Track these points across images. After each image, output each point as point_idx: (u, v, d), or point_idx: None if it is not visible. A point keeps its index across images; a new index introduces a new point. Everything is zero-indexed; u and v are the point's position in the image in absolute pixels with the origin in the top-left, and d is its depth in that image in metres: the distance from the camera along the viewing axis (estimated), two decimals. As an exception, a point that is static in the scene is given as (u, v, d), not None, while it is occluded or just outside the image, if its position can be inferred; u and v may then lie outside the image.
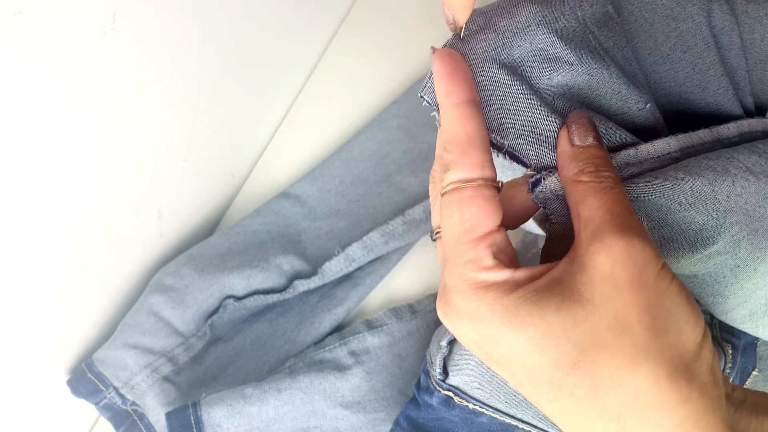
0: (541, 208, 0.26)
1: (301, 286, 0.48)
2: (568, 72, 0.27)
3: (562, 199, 0.26)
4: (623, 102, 0.28)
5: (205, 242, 0.50)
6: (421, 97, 0.26)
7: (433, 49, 0.25)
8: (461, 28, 0.27)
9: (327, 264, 0.48)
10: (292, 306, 0.49)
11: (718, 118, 0.30)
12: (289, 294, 0.47)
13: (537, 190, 0.26)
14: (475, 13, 0.28)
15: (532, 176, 0.26)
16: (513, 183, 0.28)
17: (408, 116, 0.54)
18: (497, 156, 0.26)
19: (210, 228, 0.54)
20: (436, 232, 0.26)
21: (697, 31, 0.30)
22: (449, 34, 0.28)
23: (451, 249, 0.24)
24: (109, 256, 0.44)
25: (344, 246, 0.49)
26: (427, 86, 0.26)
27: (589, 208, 0.23)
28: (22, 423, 0.42)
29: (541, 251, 0.27)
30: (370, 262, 0.50)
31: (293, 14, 0.52)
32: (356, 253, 0.48)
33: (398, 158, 0.53)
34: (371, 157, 0.53)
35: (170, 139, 0.44)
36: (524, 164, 0.26)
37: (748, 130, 0.29)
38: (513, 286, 0.22)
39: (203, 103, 0.46)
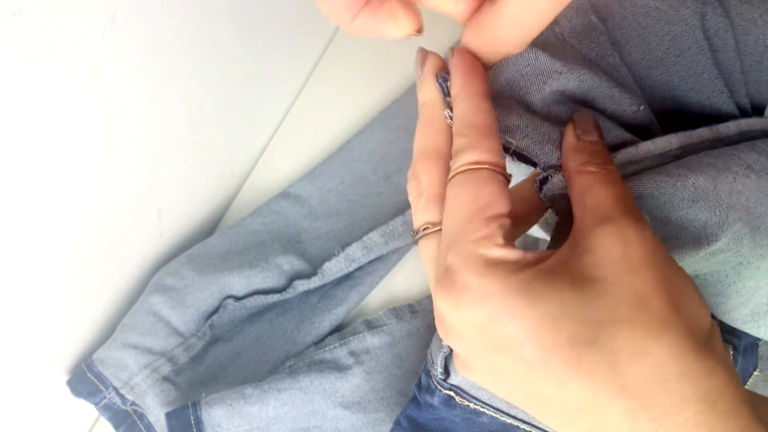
0: (545, 214, 0.26)
1: (301, 286, 0.48)
2: (557, 81, 0.27)
3: (569, 197, 0.26)
4: (617, 105, 0.28)
5: (205, 242, 0.49)
6: (439, 83, 0.26)
7: (452, 50, 0.26)
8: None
9: (327, 264, 0.48)
10: (292, 306, 0.49)
11: (714, 120, 0.30)
12: (289, 294, 0.47)
13: (545, 188, 0.26)
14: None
15: (539, 174, 0.26)
16: (522, 183, 0.28)
17: (408, 116, 0.54)
18: (504, 158, 0.26)
19: (210, 228, 0.54)
20: (424, 228, 0.25)
21: (691, 35, 0.30)
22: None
23: (462, 227, 0.23)
24: (109, 256, 0.44)
25: (344, 246, 0.49)
26: (446, 74, 0.27)
27: (597, 196, 0.23)
28: (22, 423, 0.42)
29: (547, 249, 0.27)
30: (370, 262, 0.50)
31: (293, 14, 0.52)
32: (356, 253, 0.48)
33: (398, 158, 0.53)
34: (371, 157, 0.53)
35: (170, 139, 0.44)
36: (533, 163, 0.26)
37: (747, 128, 0.29)
38: (524, 265, 0.22)
39: (203, 103, 0.46)
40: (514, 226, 0.28)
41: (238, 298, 0.47)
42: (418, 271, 0.51)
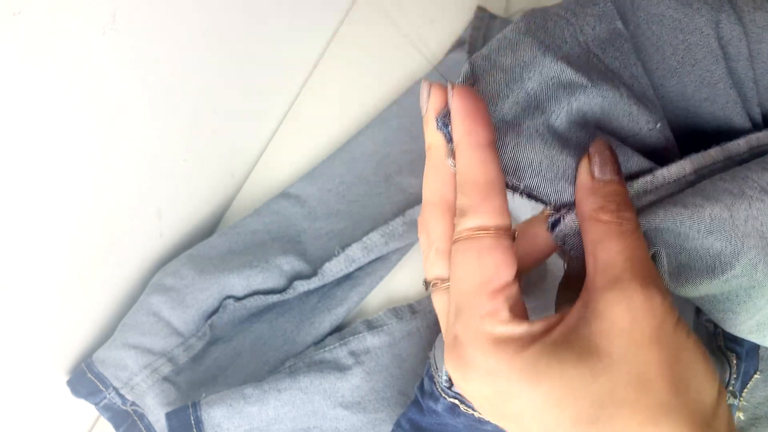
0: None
1: (301, 286, 0.48)
2: (584, 96, 0.26)
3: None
4: (634, 123, 0.28)
5: (205, 242, 0.49)
6: (440, 126, 0.25)
7: (452, 85, 0.24)
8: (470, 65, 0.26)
9: (327, 264, 0.48)
10: (292, 306, 0.49)
11: (726, 131, 0.30)
12: (289, 294, 0.47)
13: (557, 229, 0.25)
14: (478, 57, 0.27)
15: (551, 214, 0.25)
16: (534, 220, 0.28)
17: (408, 116, 0.54)
18: (513, 196, 0.25)
19: (210, 228, 0.54)
20: (434, 283, 0.25)
21: (706, 44, 0.29)
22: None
23: (467, 300, 0.23)
24: (109, 256, 0.44)
25: (344, 246, 0.49)
26: (448, 117, 0.25)
27: (608, 251, 0.22)
28: (22, 423, 0.42)
29: (559, 286, 0.26)
30: (370, 262, 0.49)
31: (293, 14, 0.52)
32: (356, 254, 0.48)
33: (399, 158, 0.53)
34: (371, 158, 0.53)
35: (170, 139, 0.44)
36: (543, 202, 0.26)
37: (756, 144, 0.29)
38: (530, 340, 0.22)
39: (203, 103, 0.46)
40: (538, 259, 0.27)
41: (238, 299, 0.47)
42: (418, 271, 0.51)
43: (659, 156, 0.28)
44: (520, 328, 0.22)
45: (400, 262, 0.51)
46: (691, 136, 0.30)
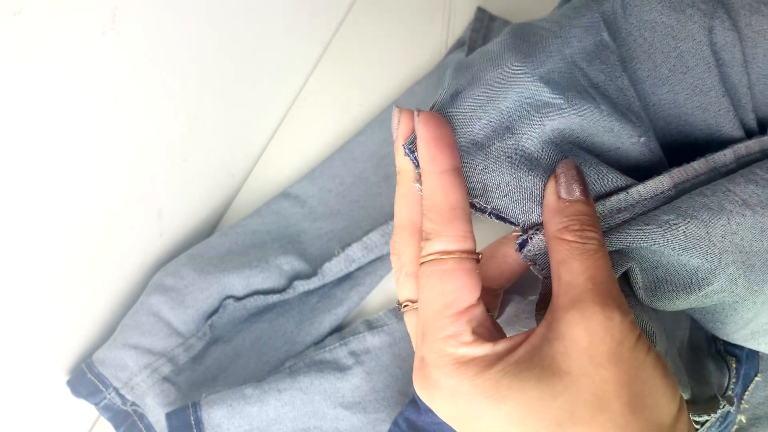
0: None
1: (301, 286, 0.48)
2: (559, 116, 0.26)
3: None
4: (616, 138, 0.28)
5: (205, 242, 0.49)
6: (406, 153, 0.25)
7: (418, 112, 0.25)
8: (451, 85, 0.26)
9: (327, 264, 0.48)
10: (292, 306, 0.49)
11: (718, 140, 0.29)
12: (289, 294, 0.47)
13: (525, 250, 0.25)
14: (463, 68, 0.27)
15: (518, 236, 0.26)
16: (505, 240, 0.28)
17: (408, 116, 0.54)
18: (482, 216, 0.26)
19: (210, 228, 0.54)
20: (405, 305, 0.25)
21: (698, 51, 0.29)
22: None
23: (431, 323, 0.23)
24: (109, 256, 0.44)
25: (344, 246, 0.49)
26: (414, 144, 0.25)
27: (571, 272, 0.23)
28: (22, 423, 0.42)
29: (536, 305, 0.26)
30: (370, 262, 0.49)
31: (293, 14, 0.52)
32: (356, 254, 0.48)
33: (398, 158, 0.53)
34: (371, 158, 0.53)
35: (170, 139, 0.44)
36: (512, 223, 0.26)
37: (745, 153, 0.29)
38: (493, 360, 0.22)
39: (203, 103, 0.46)
40: (510, 277, 0.27)
41: (238, 299, 0.47)
42: (418, 272, 0.51)
43: (644, 168, 0.28)
44: (482, 349, 0.22)
45: (400, 262, 0.51)
46: (682, 145, 0.30)
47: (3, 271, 0.35)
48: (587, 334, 0.21)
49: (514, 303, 0.34)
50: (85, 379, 0.44)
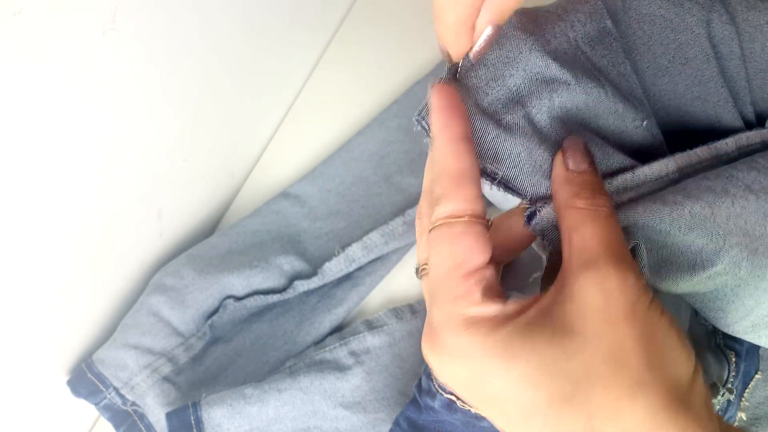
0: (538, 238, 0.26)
1: (301, 286, 0.48)
2: (566, 92, 0.27)
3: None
4: (620, 121, 0.28)
5: (205, 242, 0.49)
6: (417, 121, 0.26)
7: (432, 84, 0.26)
8: (455, 63, 0.27)
9: (327, 264, 0.48)
10: (292, 306, 0.49)
11: (718, 130, 0.30)
12: (289, 294, 0.47)
13: (533, 222, 0.26)
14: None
15: (527, 208, 0.26)
16: (511, 213, 0.28)
17: (408, 116, 0.54)
18: (491, 188, 0.26)
19: (210, 228, 0.54)
20: (422, 268, 0.25)
21: (697, 43, 0.29)
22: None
23: (440, 284, 0.23)
24: (109, 256, 0.44)
25: (344, 246, 0.49)
26: (424, 112, 0.26)
27: (583, 236, 0.23)
28: (22, 423, 0.42)
29: (541, 279, 0.26)
30: (370, 262, 0.49)
31: (293, 14, 0.52)
32: (356, 254, 0.48)
33: (398, 158, 0.53)
34: (371, 158, 0.53)
35: (170, 139, 0.44)
36: (519, 195, 0.26)
37: (746, 143, 0.29)
38: (504, 320, 0.22)
39: (203, 103, 0.46)
40: (513, 250, 0.27)
41: (238, 298, 0.47)
42: (418, 272, 0.51)
43: (646, 154, 0.28)
44: (492, 309, 0.22)
45: (400, 262, 0.51)
46: (682, 134, 0.30)
47: (3, 271, 0.35)
48: (601, 295, 0.21)
49: (513, 300, 0.34)
50: (85, 379, 0.44)
